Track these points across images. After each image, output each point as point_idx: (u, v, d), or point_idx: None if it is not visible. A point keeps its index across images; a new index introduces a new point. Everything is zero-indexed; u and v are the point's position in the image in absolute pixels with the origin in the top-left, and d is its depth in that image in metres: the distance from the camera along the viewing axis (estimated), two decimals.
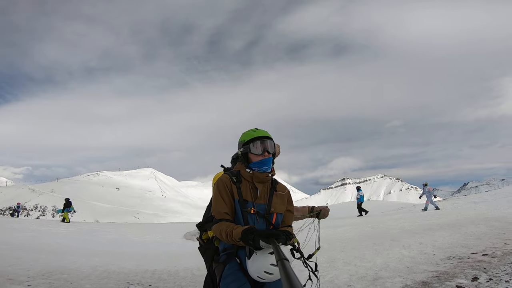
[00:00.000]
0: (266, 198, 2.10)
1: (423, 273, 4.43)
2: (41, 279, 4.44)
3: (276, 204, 2.11)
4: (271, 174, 2.18)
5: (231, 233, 1.88)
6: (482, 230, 7.58)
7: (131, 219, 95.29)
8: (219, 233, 1.96)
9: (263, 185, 2.13)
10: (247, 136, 2.16)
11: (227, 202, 2.04)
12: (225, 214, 2.01)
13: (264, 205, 2.08)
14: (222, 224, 1.97)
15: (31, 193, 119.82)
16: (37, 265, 5.18)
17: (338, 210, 27.53)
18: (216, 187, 2.10)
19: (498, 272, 4.08)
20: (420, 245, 6.48)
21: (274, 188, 2.16)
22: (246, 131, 2.21)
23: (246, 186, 2.09)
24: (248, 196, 2.06)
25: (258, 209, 2.05)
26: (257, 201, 2.07)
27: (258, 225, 2.03)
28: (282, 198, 2.17)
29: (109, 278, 4.80)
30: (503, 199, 14.75)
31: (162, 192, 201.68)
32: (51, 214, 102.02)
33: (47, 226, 13.44)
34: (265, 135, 2.15)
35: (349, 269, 5.00)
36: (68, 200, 18.49)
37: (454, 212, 12.65)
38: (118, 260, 6.36)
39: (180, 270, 5.49)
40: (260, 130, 2.18)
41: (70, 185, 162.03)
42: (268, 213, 2.06)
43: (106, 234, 11.81)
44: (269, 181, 2.16)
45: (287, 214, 2.19)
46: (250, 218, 2.03)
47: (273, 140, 2.18)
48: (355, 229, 10.62)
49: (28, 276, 4.48)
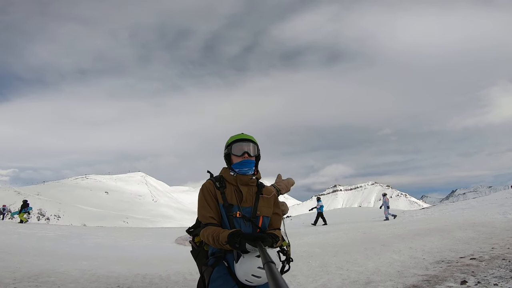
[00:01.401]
0: (252, 201, 2.09)
1: (414, 277, 4.50)
2: (28, 281, 4.32)
3: (262, 207, 2.10)
4: (256, 177, 2.18)
5: (217, 237, 1.88)
6: (470, 235, 7.75)
7: (120, 223, 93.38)
8: (206, 238, 1.96)
9: (248, 188, 2.13)
10: (231, 139, 2.20)
11: (212, 207, 2.04)
12: (210, 218, 2.01)
13: (250, 208, 2.07)
14: (208, 228, 1.97)
15: (16, 196, 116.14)
16: (23, 268, 5.04)
17: (330, 216, 27.66)
18: (200, 193, 2.10)
19: (486, 275, 4.17)
20: (410, 249, 6.58)
21: (260, 191, 2.15)
22: (233, 135, 2.24)
23: (230, 190, 2.09)
24: (233, 200, 2.06)
25: (244, 212, 2.04)
26: (242, 204, 2.06)
27: (244, 228, 2.01)
28: (269, 201, 2.16)
29: (99, 282, 4.70)
30: (490, 205, 15.11)
31: (152, 196, 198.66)
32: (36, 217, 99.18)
33: (32, 229, 13.05)
34: (248, 138, 2.17)
35: (341, 274, 5.03)
36: (26, 202, 19.26)
37: (442, 218, 12.90)
38: (108, 264, 6.23)
39: (171, 275, 5.41)
40: (245, 134, 2.21)
41: (57, 188, 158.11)
42: (254, 217, 2.05)
43: (95, 238, 11.54)
44: (254, 184, 2.16)
45: (274, 217, 2.18)
46: (236, 222, 2.01)
47: (256, 144, 2.20)
48: (346, 234, 10.71)
49: (14, 279, 4.35)
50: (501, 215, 11.12)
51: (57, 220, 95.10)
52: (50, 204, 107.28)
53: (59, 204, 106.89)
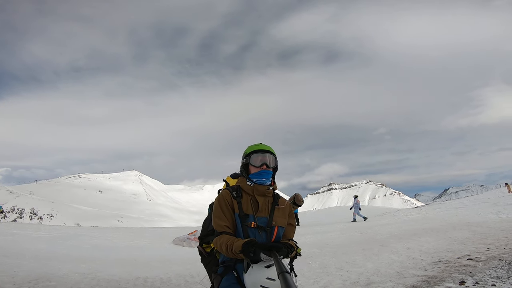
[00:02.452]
0: (268, 212, 2.13)
1: (413, 278, 4.57)
2: (28, 286, 4.27)
3: (278, 218, 2.14)
4: (272, 188, 2.21)
5: (231, 246, 1.90)
6: (465, 235, 7.89)
7: (115, 223, 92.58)
8: (219, 246, 1.98)
9: (264, 198, 2.16)
10: (250, 149, 2.23)
11: (228, 216, 2.07)
12: (225, 227, 2.04)
13: (266, 218, 2.10)
14: (222, 237, 2.00)
15: (9, 195, 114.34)
16: (21, 272, 4.96)
17: (325, 215, 27.86)
18: (216, 202, 2.13)
19: (484, 276, 4.27)
20: (408, 250, 6.68)
21: (275, 202, 2.19)
22: (252, 145, 2.28)
23: (247, 199, 2.13)
24: (249, 210, 2.09)
25: (259, 222, 2.07)
26: (258, 214, 2.10)
27: (258, 238, 2.04)
28: (284, 211, 2.20)
29: (100, 286, 4.67)
30: (482, 204, 15.40)
31: (147, 195, 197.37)
32: (29, 216, 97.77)
33: (26, 229, 12.86)
34: (267, 149, 2.21)
35: (341, 275, 5.09)
36: None
37: (437, 218, 13.09)
38: (107, 266, 6.18)
39: (172, 277, 5.40)
40: (264, 144, 2.26)
41: (50, 187, 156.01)
42: (269, 226, 2.09)
43: (91, 239, 11.42)
44: (270, 195, 2.19)
45: (289, 227, 2.22)
46: (251, 231, 2.05)
47: (275, 156, 2.24)
48: (343, 234, 10.80)
49: (14, 284, 4.30)
50: (494, 215, 11.34)
51: (50, 219, 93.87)
52: (43, 203, 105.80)
53: (52, 204, 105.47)
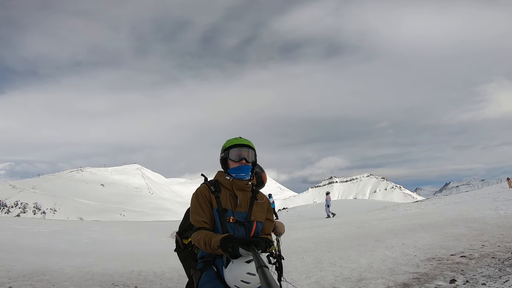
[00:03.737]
0: (247, 206, 2.11)
1: (404, 275, 4.59)
2: (22, 280, 4.33)
3: (257, 213, 2.12)
4: (251, 183, 2.19)
5: (209, 241, 1.88)
6: (461, 231, 7.89)
7: (117, 216, 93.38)
8: (198, 242, 1.96)
9: (243, 193, 2.14)
10: (229, 143, 2.19)
11: (206, 211, 2.04)
12: (203, 222, 2.01)
13: (245, 213, 2.08)
14: (200, 232, 1.98)
15: (12, 190, 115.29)
16: (17, 266, 5.04)
17: None
18: (194, 197, 2.10)
19: (475, 274, 4.27)
20: (403, 246, 6.69)
21: (254, 197, 2.17)
22: (231, 139, 2.23)
23: (225, 194, 2.10)
24: (228, 205, 2.07)
25: (238, 217, 2.05)
26: (237, 209, 2.07)
27: (237, 233, 2.03)
28: (262, 206, 2.19)
29: (93, 280, 4.73)
30: (482, 199, 15.37)
31: (149, 189, 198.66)
32: (32, 211, 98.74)
33: (28, 224, 13.01)
34: (246, 144, 2.17)
35: (334, 270, 5.12)
36: None
37: (435, 213, 13.10)
38: (103, 260, 6.25)
39: (166, 271, 5.45)
40: (243, 139, 2.22)
41: (53, 182, 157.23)
42: (248, 222, 2.07)
43: (91, 233, 11.56)
44: (249, 190, 2.17)
45: (267, 222, 2.21)
46: (230, 226, 2.03)
47: (254, 150, 2.21)
48: (340, 229, 10.85)
49: (9, 278, 4.36)
50: (492, 211, 11.31)
51: (53, 214, 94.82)
52: (46, 197, 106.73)
53: (55, 198, 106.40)
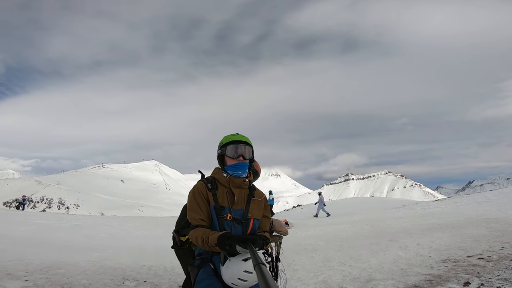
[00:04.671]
0: (244, 204, 2.12)
1: (416, 276, 4.43)
2: (39, 274, 4.53)
3: (254, 210, 2.13)
4: (249, 180, 2.19)
5: (207, 239, 1.90)
6: (481, 232, 7.52)
7: (136, 212, 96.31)
8: (195, 239, 1.98)
9: (240, 190, 2.15)
10: (226, 139, 2.19)
11: (203, 209, 2.05)
12: (201, 220, 2.03)
13: (242, 211, 2.09)
14: (198, 230, 1.99)
15: (38, 185, 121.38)
16: (36, 260, 5.28)
17: (341, 206, 27.51)
18: (191, 195, 2.11)
19: (492, 277, 4.05)
20: (417, 246, 6.46)
21: (251, 194, 2.18)
22: (228, 135, 2.23)
23: (222, 191, 2.11)
24: (225, 202, 2.08)
25: (235, 214, 2.06)
26: (234, 207, 2.09)
27: (234, 231, 2.04)
28: (259, 204, 2.19)
29: (105, 274, 4.88)
30: (506, 199, 14.58)
31: (166, 185, 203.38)
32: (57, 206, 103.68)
33: (50, 219, 13.65)
34: (243, 140, 2.17)
35: (343, 270, 5.02)
36: None
37: (455, 212, 12.55)
38: (117, 255, 6.45)
39: (176, 266, 5.54)
40: (240, 135, 2.21)
41: (76, 177, 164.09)
42: (245, 219, 2.08)
43: (109, 228, 11.96)
44: (246, 187, 2.18)
45: (264, 219, 2.21)
46: (227, 224, 2.04)
47: (251, 147, 2.19)
48: (353, 227, 10.63)
49: (27, 271, 4.58)
50: None
51: (76, 209, 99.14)
52: (70, 193, 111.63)
53: (78, 193, 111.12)
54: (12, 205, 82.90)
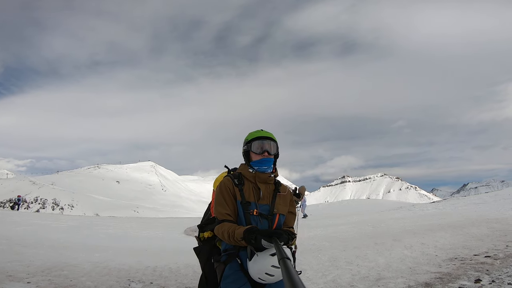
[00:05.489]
0: (269, 199, 2.13)
1: (426, 274, 4.41)
2: (41, 275, 4.41)
3: (279, 205, 2.14)
4: (274, 175, 2.21)
5: (233, 233, 1.91)
6: (484, 231, 7.56)
7: (131, 213, 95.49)
8: (221, 234, 1.99)
9: (266, 186, 2.16)
10: (251, 136, 2.22)
11: (229, 204, 2.07)
12: (227, 215, 2.05)
13: (268, 206, 2.11)
14: (224, 225, 2.01)
15: (32, 186, 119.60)
16: (36, 261, 5.15)
17: (338, 207, 27.59)
18: (218, 190, 2.13)
19: (501, 274, 4.05)
20: (422, 245, 6.46)
21: (277, 189, 2.19)
22: (253, 131, 2.25)
23: (249, 187, 2.13)
24: (251, 197, 2.10)
25: (261, 209, 2.08)
26: (260, 202, 2.10)
27: (260, 226, 2.05)
28: (285, 199, 2.20)
29: (110, 275, 4.78)
30: (503, 200, 14.72)
31: (162, 186, 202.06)
32: (51, 207, 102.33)
33: (47, 219, 13.43)
34: (268, 136, 2.19)
35: (351, 269, 4.98)
36: None
37: (455, 213, 12.63)
38: (119, 256, 6.34)
39: (181, 267, 5.46)
40: (264, 131, 2.23)
41: (71, 178, 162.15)
42: (271, 214, 2.09)
43: (107, 228, 11.80)
44: (272, 182, 2.20)
45: (289, 215, 2.22)
46: (253, 219, 2.05)
47: (276, 143, 2.22)
48: (355, 227, 10.61)
49: (28, 273, 4.45)
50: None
51: (71, 209, 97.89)
52: (64, 194, 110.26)
53: (73, 194, 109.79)
54: (5, 205, 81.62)
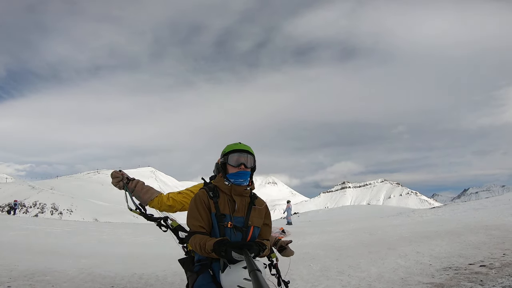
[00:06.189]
0: (244, 212, 2.13)
1: (417, 285, 4.28)
2: (23, 280, 4.31)
3: (254, 218, 2.14)
4: (250, 188, 2.21)
5: (204, 245, 1.90)
6: (481, 239, 7.41)
7: (130, 218, 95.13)
8: (194, 246, 1.99)
9: (241, 198, 2.16)
10: (228, 148, 2.22)
11: (203, 216, 2.06)
12: (199, 227, 2.04)
13: (242, 218, 2.11)
14: (196, 236, 2.00)
15: (31, 190, 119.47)
16: (21, 266, 5.04)
17: (337, 214, 27.37)
18: (193, 203, 2.13)
19: (495, 284, 3.92)
20: (417, 254, 6.32)
21: (252, 202, 2.19)
22: (230, 144, 2.26)
23: (224, 199, 2.13)
24: (226, 210, 2.09)
25: (235, 222, 2.08)
26: (235, 214, 2.10)
27: (234, 238, 2.04)
28: (260, 212, 2.21)
29: (94, 282, 4.66)
30: (503, 206, 14.55)
31: (161, 191, 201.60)
32: (50, 212, 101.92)
33: (42, 225, 13.29)
34: (245, 149, 2.19)
35: (341, 279, 4.84)
36: None
37: (454, 219, 12.47)
38: (107, 262, 6.21)
39: (168, 275, 5.33)
40: (242, 144, 2.24)
41: (70, 183, 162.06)
42: (245, 227, 2.09)
43: (101, 234, 11.66)
44: (247, 195, 2.20)
45: (264, 227, 2.23)
46: (227, 231, 2.05)
47: (253, 156, 2.21)
48: (351, 235, 10.47)
49: (10, 277, 4.35)
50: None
51: (70, 214, 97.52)
52: (63, 198, 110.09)
53: (72, 199, 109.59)
54: (3, 209, 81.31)
